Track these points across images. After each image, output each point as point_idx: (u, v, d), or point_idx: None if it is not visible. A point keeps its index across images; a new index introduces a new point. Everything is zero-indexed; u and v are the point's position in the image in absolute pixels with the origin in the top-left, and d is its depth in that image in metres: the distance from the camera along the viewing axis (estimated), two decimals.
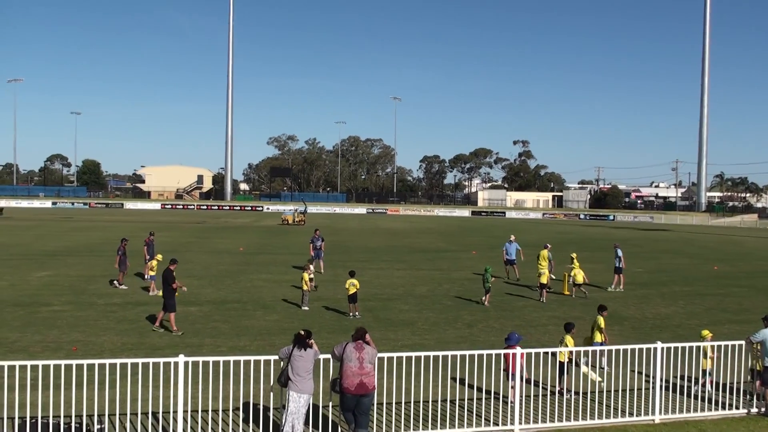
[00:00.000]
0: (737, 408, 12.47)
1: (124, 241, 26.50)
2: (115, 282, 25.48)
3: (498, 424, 11.38)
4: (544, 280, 24.66)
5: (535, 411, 11.90)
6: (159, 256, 24.94)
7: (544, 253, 27.58)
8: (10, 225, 63.24)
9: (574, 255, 27.53)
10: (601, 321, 14.74)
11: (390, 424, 11.18)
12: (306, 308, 21.33)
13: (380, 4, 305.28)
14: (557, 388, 12.88)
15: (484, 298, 23.37)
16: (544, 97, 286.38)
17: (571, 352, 13.08)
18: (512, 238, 31.81)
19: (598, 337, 14.60)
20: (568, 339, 13.42)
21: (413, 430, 11.01)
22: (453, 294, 25.69)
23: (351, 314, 20.72)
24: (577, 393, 12.75)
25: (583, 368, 13.17)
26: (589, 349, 14.20)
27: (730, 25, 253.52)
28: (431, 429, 11.05)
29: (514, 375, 11.80)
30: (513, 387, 11.73)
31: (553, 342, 16.91)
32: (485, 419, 11.62)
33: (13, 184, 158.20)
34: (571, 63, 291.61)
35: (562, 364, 12.96)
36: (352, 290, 20.65)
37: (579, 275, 25.18)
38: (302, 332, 10.42)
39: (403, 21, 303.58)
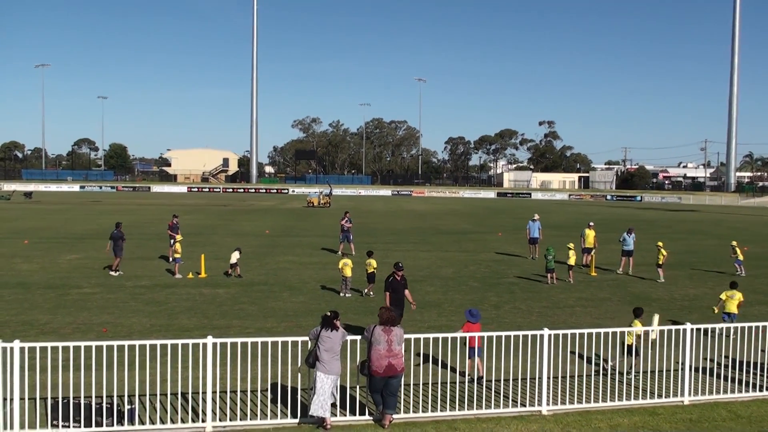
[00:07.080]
0: None
1: (118, 226, 25.27)
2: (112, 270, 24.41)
3: (525, 405, 11.33)
4: (571, 261, 24.50)
5: (563, 392, 11.83)
6: (179, 237, 25.25)
7: (590, 232, 27.79)
8: (39, 209, 64.12)
9: (571, 245, 25.80)
10: (638, 323, 13.39)
11: (417, 405, 11.18)
12: (348, 295, 21.18)
13: None
14: (617, 369, 12.92)
15: (550, 275, 23.92)
16: (570, 78, 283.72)
17: (639, 335, 12.90)
18: (536, 217, 31.78)
19: (630, 340, 13.12)
20: (636, 323, 13.32)
21: (440, 411, 11.00)
22: (479, 275, 25.62)
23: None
24: (609, 375, 12.68)
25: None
26: (642, 330, 13.17)
27: (760, 2, 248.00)
28: (458, 410, 11.04)
29: (472, 350, 12.22)
30: (471, 361, 12.38)
31: (579, 324, 16.82)
32: (512, 400, 11.58)
33: (42, 169, 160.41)
34: (598, 42, 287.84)
35: (629, 346, 12.92)
36: (370, 269, 21.15)
37: (572, 258, 24.79)
38: (329, 313, 10.47)
39: (427, 2, 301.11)
